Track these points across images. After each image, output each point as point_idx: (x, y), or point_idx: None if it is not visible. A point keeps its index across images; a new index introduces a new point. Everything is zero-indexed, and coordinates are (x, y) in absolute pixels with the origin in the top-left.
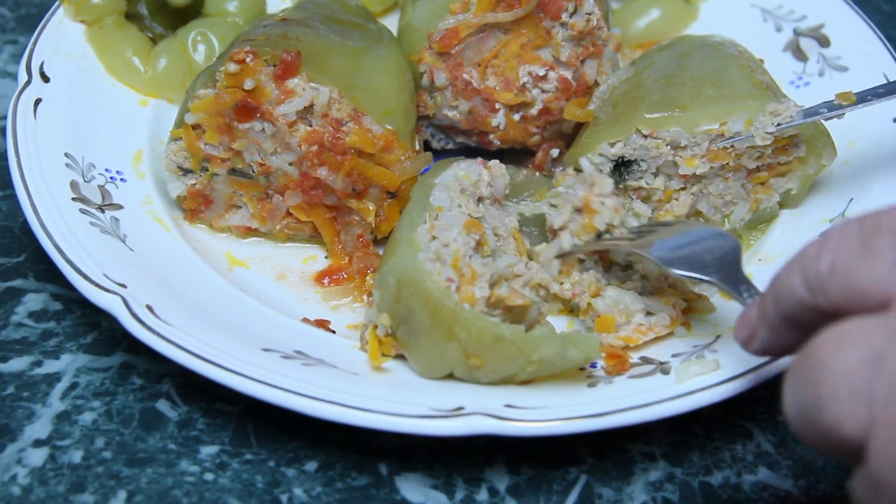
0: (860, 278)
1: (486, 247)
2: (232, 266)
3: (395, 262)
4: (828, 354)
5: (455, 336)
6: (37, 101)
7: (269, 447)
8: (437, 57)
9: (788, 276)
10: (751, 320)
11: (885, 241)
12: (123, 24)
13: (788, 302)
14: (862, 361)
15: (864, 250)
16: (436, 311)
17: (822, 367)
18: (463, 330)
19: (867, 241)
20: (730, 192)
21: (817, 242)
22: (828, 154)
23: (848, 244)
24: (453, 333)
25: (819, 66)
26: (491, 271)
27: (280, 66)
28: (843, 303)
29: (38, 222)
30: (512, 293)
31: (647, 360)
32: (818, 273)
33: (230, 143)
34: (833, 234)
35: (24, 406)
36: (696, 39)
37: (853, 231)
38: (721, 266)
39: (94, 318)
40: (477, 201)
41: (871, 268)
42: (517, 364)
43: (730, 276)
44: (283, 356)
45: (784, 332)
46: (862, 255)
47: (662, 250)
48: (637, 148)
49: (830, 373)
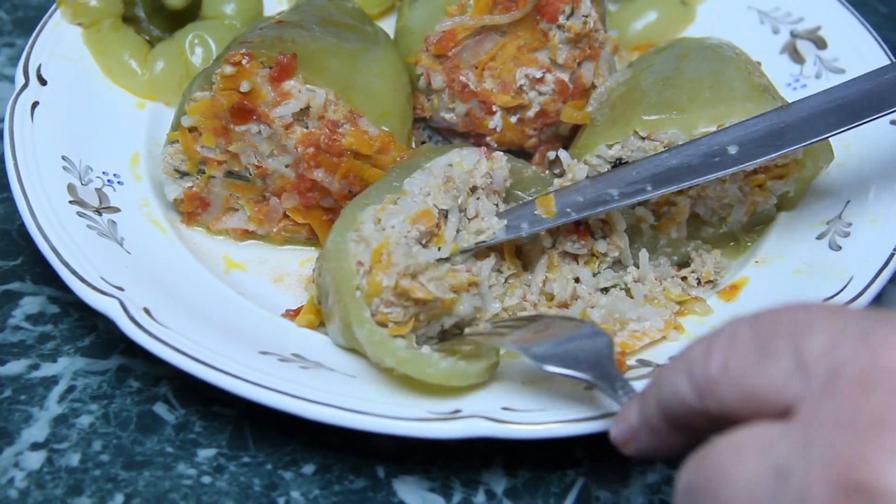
0: (757, 382)
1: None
2: (229, 269)
3: (330, 235)
4: (727, 465)
5: (343, 318)
6: (34, 104)
7: (266, 450)
8: (434, 59)
9: (673, 376)
10: (629, 421)
11: (782, 344)
12: (120, 26)
13: (673, 403)
14: (764, 474)
15: (759, 353)
16: (337, 290)
17: (720, 479)
18: (347, 314)
19: (763, 344)
20: (727, 195)
21: (703, 343)
22: (825, 156)
23: (741, 346)
24: (343, 315)
25: (816, 68)
26: (410, 262)
27: (276, 69)
28: (736, 407)
29: (35, 225)
30: (414, 286)
31: (645, 362)
32: (707, 375)
33: (227, 146)
34: (722, 335)
35: (22, 409)
36: (693, 42)
37: (746, 333)
38: (595, 363)
39: (92, 321)
40: (470, 190)
41: (769, 372)
42: (377, 361)
43: (604, 373)
44: (280, 359)
45: (667, 435)
46: (757, 358)
47: (540, 349)
48: (635, 150)
49: (730, 485)
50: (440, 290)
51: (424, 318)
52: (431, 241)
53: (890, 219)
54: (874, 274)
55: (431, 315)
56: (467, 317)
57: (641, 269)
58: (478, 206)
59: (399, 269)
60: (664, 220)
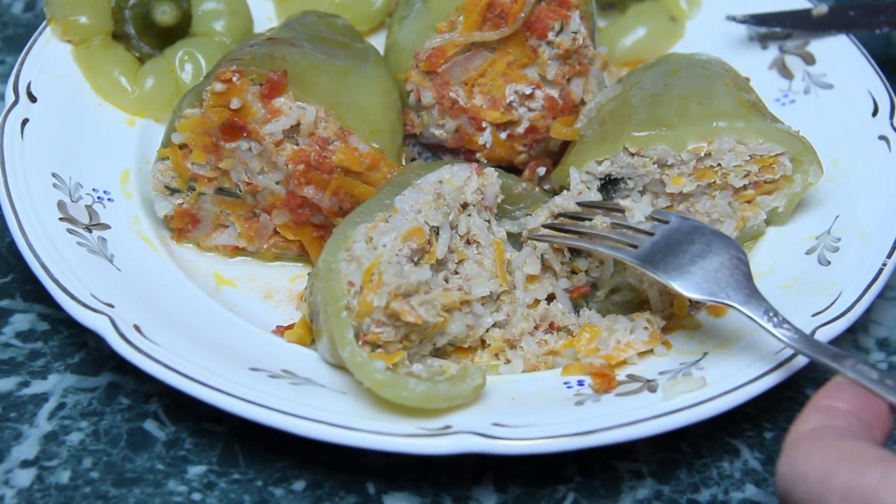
0: None
1: (429, 256)
2: (219, 285)
3: (322, 254)
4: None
5: (330, 337)
6: (24, 122)
7: (256, 467)
8: (424, 76)
9: None
10: None
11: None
12: (110, 43)
13: None
14: None
15: None
16: (325, 309)
17: None
18: (333, 333)
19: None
20: (717, 210)
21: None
22: (814, 172)
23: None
24: (330, 334)
25: (805, 83)
26: (402, 281)
27: (266, 85)
28: None
29: (25, 242)
30: (404, 309)
31: (634, 377)
32: None
33: (217, 163)
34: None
35: (12, 427)
36: (682, 58)
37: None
38: (737, 285)
39: (82, 337)
40: (461, 207)
41: None
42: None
43: (747, 297)
44: (270, 375)
45: None
46: None
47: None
48: (624, 166)
49: None
50: (430, 314)
51: (416, 337)
52: (423, 259)
53: (878, 234)
54: (863, 289)
55: (423, 335)
56: (459, 335)
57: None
58: (469, 222)
59: (390, 289)
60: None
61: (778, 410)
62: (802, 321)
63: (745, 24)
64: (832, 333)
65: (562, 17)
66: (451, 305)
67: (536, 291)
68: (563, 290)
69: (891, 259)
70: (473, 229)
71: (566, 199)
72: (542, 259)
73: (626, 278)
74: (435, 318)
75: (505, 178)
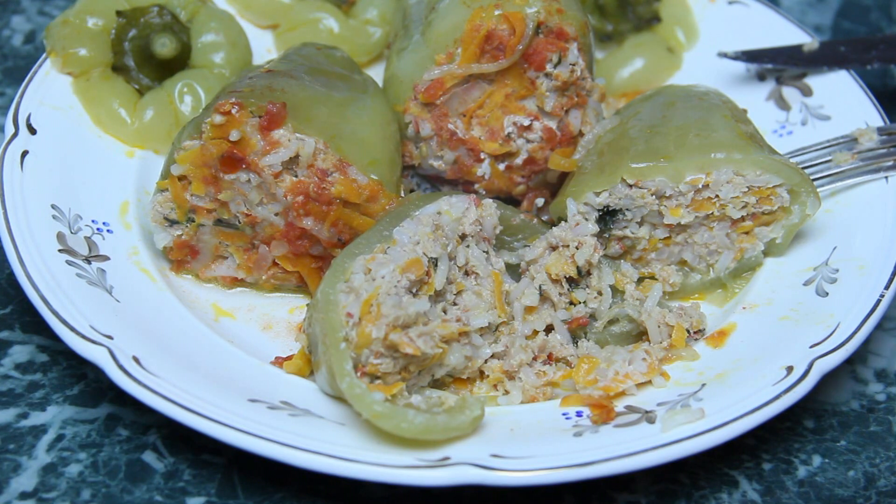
0: None
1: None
2: (218, 316)
3: (320, 285)
4: None
5: (329, 368)
6: (24, 153)
7: (255, 498)
8: (423, 107)
9: None
10: None
11: None
12: (110, 76)
13: None
14: None
15: None
16: (324, 341)
17: None
18: (332, 364)
19: None
20: (714, 242)
21: None
22: (812, 203)
23: None
24: (329, 366)
25: (802, 115)
26: (400, 313)
27: (265, 117)
28: None
29: (24, 274)
30: (403, 340)
31: (633, 408)
32: None
33: (216, 194)
34: None
35: (10, 458)
36: (680, 89)
37: None
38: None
39: (81, 369)
40: (460, 238)
41: None
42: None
43: None
44: (269, 407)
45: None
46: None
47: None
48: (622, 197)
49: None
50: (428, 346)
51: (414, 368)
52: (421, 290)
53: (876, 265)
54: (861, 320)
55: (421, 366)
56: (458, 366)
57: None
58: (467, 253)
59: (389, 321)
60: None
61: (776, 442)
62: (800, 352)
63: (737, 60)
64: (830, 364)
65: (560, 49)
66: (449, 337)
67: (535, 322)
68: (561, 321)
69: (889, 290)
70: (472, 260)
71: (564, 230)
72: (541, 290)
73: (624, 310)
74: (433, 350)
75: (503, 210)
